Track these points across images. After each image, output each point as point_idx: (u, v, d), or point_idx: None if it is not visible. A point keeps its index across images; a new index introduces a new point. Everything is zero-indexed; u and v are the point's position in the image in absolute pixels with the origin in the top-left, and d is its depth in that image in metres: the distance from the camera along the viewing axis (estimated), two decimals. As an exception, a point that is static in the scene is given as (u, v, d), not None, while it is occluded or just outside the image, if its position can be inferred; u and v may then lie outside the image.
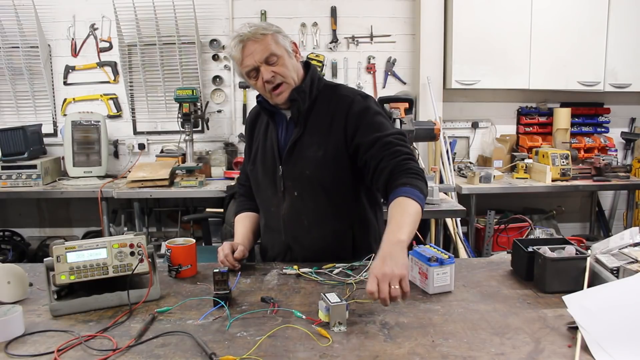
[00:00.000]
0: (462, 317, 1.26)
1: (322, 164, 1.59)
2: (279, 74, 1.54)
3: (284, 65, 1.55)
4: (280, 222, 1.67)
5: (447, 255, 1.42)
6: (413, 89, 4.11)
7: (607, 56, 3.88)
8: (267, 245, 1.79)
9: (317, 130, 1.60)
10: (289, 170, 1.63)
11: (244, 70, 1.57)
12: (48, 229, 4.19)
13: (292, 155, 1.62)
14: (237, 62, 1.58)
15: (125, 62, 3.91)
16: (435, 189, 2.93)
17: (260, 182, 1.72)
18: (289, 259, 1.70)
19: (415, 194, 1.41)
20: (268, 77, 1.53)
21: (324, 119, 1.61)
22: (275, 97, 1.58)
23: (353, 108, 1.58)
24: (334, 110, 1.60)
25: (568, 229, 4.38)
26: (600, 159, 3.83)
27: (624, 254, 1.46)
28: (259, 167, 1.71)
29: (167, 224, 4.21)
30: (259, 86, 1.58)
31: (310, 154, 1.59)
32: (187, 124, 3.55)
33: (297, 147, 1.61)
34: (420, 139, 3.10)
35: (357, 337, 1.15)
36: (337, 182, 1.61)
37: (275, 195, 1.67)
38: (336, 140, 1.58)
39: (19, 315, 1.18)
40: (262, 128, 1.73)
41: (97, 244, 1.34)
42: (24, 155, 3.55)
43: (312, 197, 1.62)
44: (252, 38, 1.52)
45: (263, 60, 1.53)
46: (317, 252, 1.65)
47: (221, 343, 1.13)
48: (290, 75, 1.57)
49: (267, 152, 1.69)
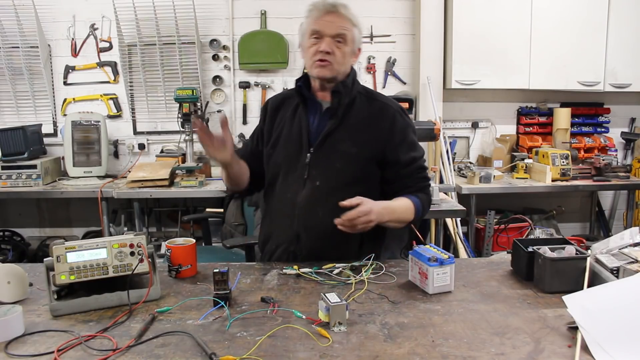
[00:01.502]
0: (462, 317, 1.26)
1: (354, 161, 1.65)
2: (338, 55, 1.60)
3: (343, 53, 1.61)
4: (295, 209, 1.67)
5: (447, 255, 1.42)
6: (413, 89, 4.11)
7: (607, 56, 3.88)
8: (272, 232, 1.76)
9: (353, 127, 1.66)
10: (318, 159, 1.65)
11: (313, 26, 1.60)
12: (48, 229, 4.19)
13: (323, 145, 1.66)
14: (311, 18, 1.61)
15: (125, 62, 3.91)
16: (435, 189, 2.93)
17: (280, 166, 1.71)
18: (294, 249, 1.69)
19: (419, 211, 1.69)
20: (326, 48, 1.58)
21: (363, 119, 1.68)
22: (315, 67, 1.61)
23: (398, 122, 1.69)
24: (375, 115, 1.69)
25: (568, 229, 4.38)
26: (600, 159, 3.83)
27: (624, 254, 1.46)
28: (281, 151, 1.71)
29: (167, 224, 4.21)
30: (310, 50, 1.62)
31: (344, 149, 1.65)
32: (187, 124, 3.55)
33: (331, 138, 1.66)
34: (420, 139, 3.07)
35: (357, 337, 1.15)
36: (360, 180, 1.68)
37: (295, 183, 1.68)
38: (374, 143, 1.66)
39: (19, 315, 1.18)
40: (289, 114, 1.73)
41: (97, 244, 1.34)
42: (24, 155, 3.54)
43: (333, 190, 1.64)
44: (341, 12, 1.59)
45: (334, 34, 1.58)
46: (323, 246, 1.65)
47: (221, 343, 1.13)
48: (341, 64, 1.63)
49: (293, 138, 1.69)
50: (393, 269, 1.60)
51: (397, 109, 1.72)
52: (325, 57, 1.59)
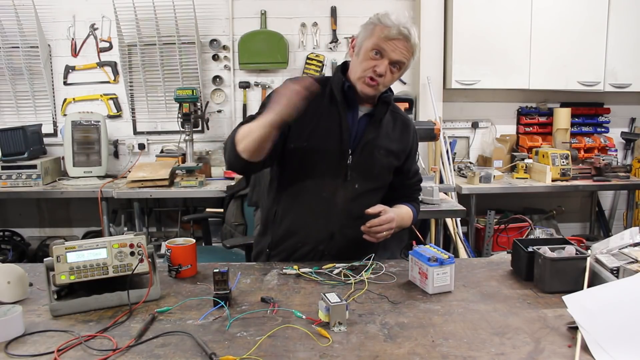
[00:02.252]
0: (462, 317, 1.26)
1: (387, 168, 1.76)
2: (387, 79, 1.62)
3: (394, 78, 1.66)
4: (332, 209, 1.67)
5: (447, 255, 1.42)
6: (413, 89, 4.11)
7: (607, 56, 3.88)
8: (298, 229, 1.71)
9: (388, 137, 1.73)
10: (359, 162, 1.68)
11: (380, 44, 1.56)
12: (48, 229, 4.19)
13: (364, 150, 1.68)
14: (383, 33, 1.55)
15: (125, 62, 3.91)
16: (435, 189, 2.93)
17: (317, 162, 1.66)
18: (323, 248, 1.70)
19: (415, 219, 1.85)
20: (381, 71, 1.58)
21: (394, 130, 1.76)
22: (365, 85, 1.61)
23: (415, 137, 1.85)
24: (401, 129, 1.78)
25: (568, 229, 4.38)
26: (600, 159, 3.83)
27: (624, 254, 1.46)
28: (320, 146, 1.65)
29: (167, 224, 4.21)
30: (364, 64, 1.59)
31: (380, 156, 1.72)
32: (187, 124, 3.55)
33: (371, 144, 1.69)
34: (420, 139, 3.07)
35: (357, 337, 1.15)
36: (385, 187, 1.80)
37: (334, 183, 1.67)
38: (400, 154, 1.78)
39: (19, 315, 1.18)
40: (324, 107, 1.66)
41: (97, 244, 1.34)
42: (24, 155, 3.54)
43: (367, 193, 1.71)
44: (410, 42, 1.60)
45: (395, 60, 1.59)
46: (352, 247, 1.68)
47: (221, 343, 1.13)
48: (387, 85, 1.68)
49: (333, 135, 1.65)
50: (393, 269, 1.60)
51: (414, 125, 1.86)
52: (376, 79, 1.59)
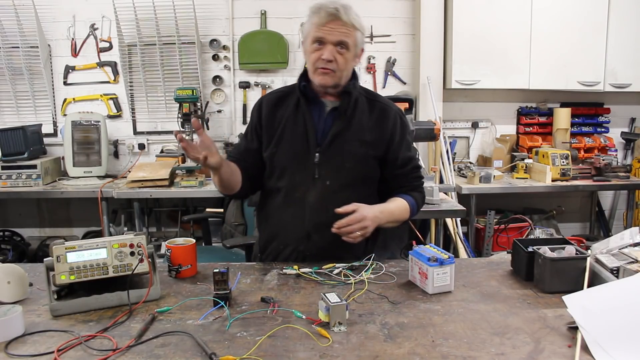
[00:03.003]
0: (462, 317, 1.26)
1: (361, 161, 1.68)
2: (338, 62, 1.59)
3: (345, 59, 1.61)
4: (305, 209, 1.67)
5: (447, 255, 1.42)
6: (413, 89, 4.11)
7: (607, 56, 3.88)
8: (278, 232, 1.74)
9: (360, 128, 1.68)
10: (327, 159, 1.66)
11: (315, 34, 1.59)
12: (48, 229, 4.19)
13: (332, 145, 1.66)
14: (315, 23, 1.59)
15: (125, 62, 3.91)
16: (435, 189, 2.93)
17: (286, 166, 1.70)
18: (303, 249, 1.69)
19: (414, 210, 1.76)
20: (328, 57, 1.57)
21: (368, 120, 1.71)
22: (318, 75, 1.61)
23: (399, 123, 1.74)
24: (379, 116, 1.72)
25: (568, 229, 4.38)
26: (600, 159, 3.83)
27: (624, 254, 1.46)
28: (287, 149, 1.69)
29: (167, 224, 4.21)
30: (312, 56, 1.61)
31: (353, 149, 1.67)
32: (187, 124, 3.55)
33: (339, 138, 1.66)
34: (420, 139, 3.10)
35: (357, 337, 1.15)
36: (367, 179, 1.74)
37: (304, 183, 1.67)
38: (379, 143, 1.70)
39: (19, 315, 1.18)
40: (289, 112, 1.71)
41: (97, 244, 1.34)
42: (24, 155, 3.54)
43: (343, 189, 1.67)
44: (344, 18, 1.57)
45: (336, 41, 1.58)
46: (333, 246, 1.64)
47: (221, 343, 1.13)
48: (344, 70, 1.63)
49: (299, 138, 1.68)
50: (393, 269, 1.60)
51: (397, 110, 1.77)
52: (327, 66, 1.59)
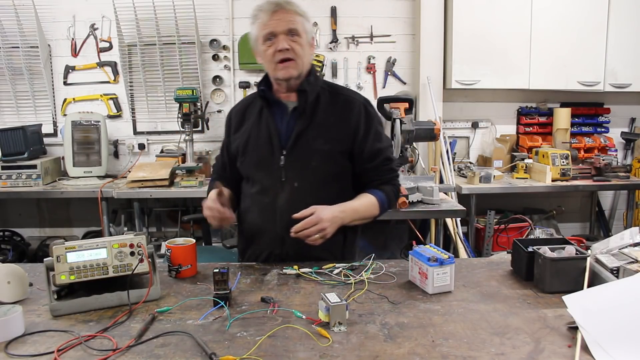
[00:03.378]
0: (462, 317, 1.26)
1: (328, 157, 1.64)
2: (294, 49, 1.57)
3: (301, 45, 1.59)
4: (277, 214, 1.65)
5: (447, 255, 1.42)
6: (413, 89, 4.11)
7: (607, 56, 3.88)
8: (253, 237, 1.74)
9: (323, 124, 1.65)
10: (293, 160, 1.64)
11: (263, 31, 1.58)
12: (48, 229, 4.19)
13: (295, 145, 1.63)
14: (258, 20, 1.58)
15: (125, 62, 3.91)
16: (435, 189, 2.93)
17: (254, 172, 1.70)
18: (280, 251, 1.68)
19: (384, 205, 1.70)
20: (284, 46, 1.55)
21: (331, 114, 1.66)
22: (280, 69, 1.59)
23: (363, 114, 1.68)
24: (342, 109, 1.67)
25: (568, 229, 4.38)
26: (600, 159, 3.83)
27: (624, 254, 1.46)
28: (252, 158, 1.69)
29: (167, 224, 4.21)
30: (268, 54, 1.59)
31: (317, 147, 1.63)
32: (187, 124, 3.55)
33: (302, 138, 1.64)
34: (420, 139, 3.10)
35: (357, 337, 1.15)
36: (337, 176, 1.69)
37: (273, 186, 1.65)
38: (345, 137, 1.65)
39: (19, 315, 1.18)
40: (253, 118, 1.71)
41: (97, 244, 1.34)
42: (24, 155, 3.55)
43: (312, 189, 1.64)
44: (287, 8, 1.57)
45: (286, 30, 1.56)
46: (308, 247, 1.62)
47: (221, 343, 1.13)
48: (303, 57, 1.60)
49: (263, 142, 1.67)
50: (393, 269, 1.60)
51: (362, 101, 1.72)
52: (286, 56, 1.57)
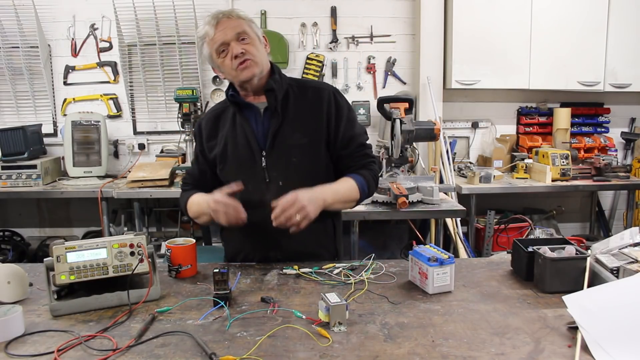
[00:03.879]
0: (462, 317, 1.26)
1: (308, 151, 1.65)
2: (249, 51, 1.58)
3: (254, 46, 1.60)
4: (267, 216, 1.60)
5: (447, 255, 1.42)
6: (413, 89, 4.11)
7: (607, 56, 3.88)
8: (244, 243, 1.73)
9: (296, 118, 1.65)
10: (274, 160, 1.64)
11: (214, 45, 1.59)
12: (48, 229, 4.20)
13: (274, 145, 1.63)
14: (207, 38, 1.60)
15: (125, 62, 3.91)
16: (435, 189, 2.93)
17: (236, 178, 1.65)
18: (274, 254, 1.68)
19: (364, 189, 1.66)
20: (238, 51, 1.56)
21: (303, 108, 1.67)
22: (240, 71, 1.59)
23: (333, 101, 1.69)
24: (312, 101, 1.68)
25: (568, 229, 4.38)
26: (600, 159, 3.83)
27: (624, 254, 1.46)
28: (232, 164, 1.68)
29: (167, 224, 4.21)
30: (226, 64, 1.60)
31: (295, 142, 1.64)
32: (187, 124, 3.56)
33: (279, 136, 1.64)
34: (420, 139, 3.09)
35: (357, 337, 1.15)
36: (320, 168, 1.69)
37: (258, 190, 1.65)
38: (319, 128, 1.66)
39: (19, 315, 1.18)
40: (228, 126, 1.70)
41: (97, 244, 1.34)
42: (24, 155, 3.55)
43: (298, 185, 1.60)
44: (227, 15, 1.59)
45: (235, 36, 1.57)
46: (304, 243, 1.63)
47: (221, 343, 1.13)
48: (259, 57, 1.61)
49: (241, 147, 1.66)
50: (393, 269, 1.60)
51: (331, 89, 1.72)
52: (242, 58, 1.57)
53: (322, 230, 1.71)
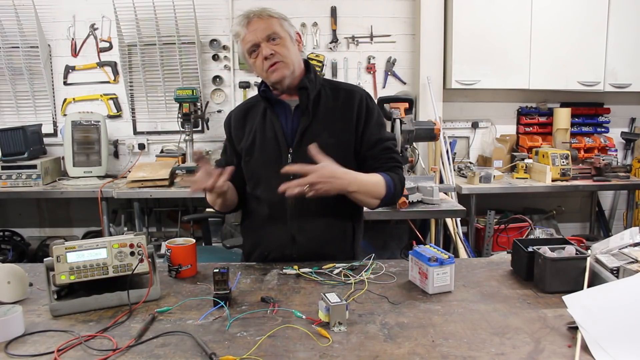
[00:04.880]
0: (462, 317, 1.26)
1: (334, 151, 1.62)
2: (279, 53, 1.59)
3: (284, 47, 1.60)
4: (287, 212, 1.65)
5: (447, 255, 1.41)
6: (413, 89, 4.11)
7: (607, 56, 3.88)
8: (262, 239, 1.74)
9: (326, 118, 1.66)
10: (300, 158, 1.63)
11: (246, 46, 1.60)
12: (48, 229, 4.20)
13: (302, 142, 1.64)
14: (239, 38, 1.61)
15: (125, 62, 3.91)
16: (435, 189, 2.93)
17: (260, 172, 1.70)
18: (290, 252, 1.68)
19: (390, 188, 1.64)
20: (267, 52, 1.57)
21: (333, 108, 1.68)
22: (270, 73, 1.61)
23: (364, 105, 1.69)
24: (344, 102, 1.68)
25: (568, 229, 4.38)
26: (600, 159, 3.83)
27: (624, 254, 1.46)
28: (259, 157, 1.69)
29: (167, 224, 4.21)
30: (257, 65, 1.61)
31: (322, 141, 1.62)
32: (187, 124, 3.56)
33: (307, 134, 1.64)
34: (420, 139, 3.10)
35: (357, 337, 1.15)
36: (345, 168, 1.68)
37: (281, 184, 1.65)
38: (348, 130, 1.67)
39: (19, 315, 1.18)
40: (257, 120, 1.72)
41: (97, 244, 1.34)
42: (24, 155, 3.55)
43: None
44: (258, 15, 1.59)
45: (265, 37, 1.58)
46: (319, 245, 1.63)
47: (221, 343, 1.13)
48: (290, 58, 1.61)
49: (269, 142, 1.68)
50: (393, 269, 1.60)
51: (363, 93, 1.73)
52: (272, 60, 1.58)
53: (341, 233, 1.71)
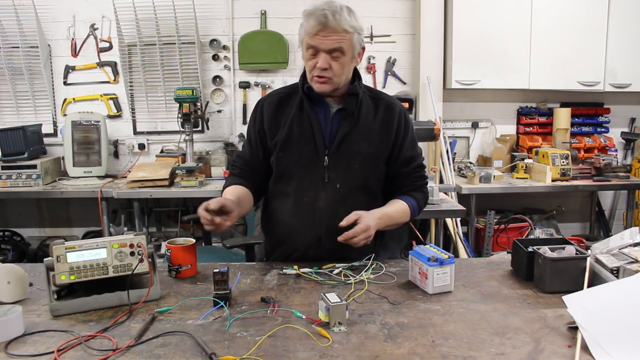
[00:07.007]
0: (462, 317, 1.26)
1: (370, 160, 1.67)
2: (333, 69, 1.57)
3: (341, 65, 1.58)
4: (316, 213, 1.65)
5: (447, 255, 1.42)
6: (413, 89, 4.11)
7: (607, 56, 3.88)
8: (288, 237, 1.72)
9: (366, 127, 1.67)
10: (336, 161, 1.64)
11: (309, 42, 1.56)
12: (48, 229, 4.19)
13: (340, 147, 1.64)
14: (306, 30, 1.56)
15: (125, 62, 3.91)
16: (435, 189, 2.93)
17: (294, 170, 1.67)
18: (314, 252, 1.67)
19: (414, 213, 1.74)
20: (323, 65, 1.55)
21: (374, 119, 1.69)
22: (315, 83, 1.60)
23: (403, 120, 1.72)
24: (384, 115, 1.70)
25: (568, 229, 4.38)
26: (600, 159, 3.83)
27: (624, 254, 1.46)
28: (294, 153, 1.66)
29: (167, 224, 4.21)
30: (309, 64, 1.60)
31: (361, 149, 1.65)
32: (187, 124, 3.55)
33: (347, 140, 1.64)
34: (420, 139, 3.09)
35: (357, 337, 1.15)
36: (376, 179, 1.73)
37: (314, 187, 1.65)
38: (386, 142, 1.69)
39: (19, 315, 1.18)
40: (293, 113, 1.67)
41: (97, 244, 1.34)
42: (24, 155, 3.54)
43: (353, 191, 1.66)
44: (333, 26, 1.53)
45: (329, 49, 1.55)
46: (343, 248, 1.61)
47: (221, 343, 1.13)
48: (340, 75, 1.60)
49: (306, 141, 1.65)
50: (393, 269, 1.60)
51: (402, 108, 1.75)
52: (322, 74, 1.57)
53: None
